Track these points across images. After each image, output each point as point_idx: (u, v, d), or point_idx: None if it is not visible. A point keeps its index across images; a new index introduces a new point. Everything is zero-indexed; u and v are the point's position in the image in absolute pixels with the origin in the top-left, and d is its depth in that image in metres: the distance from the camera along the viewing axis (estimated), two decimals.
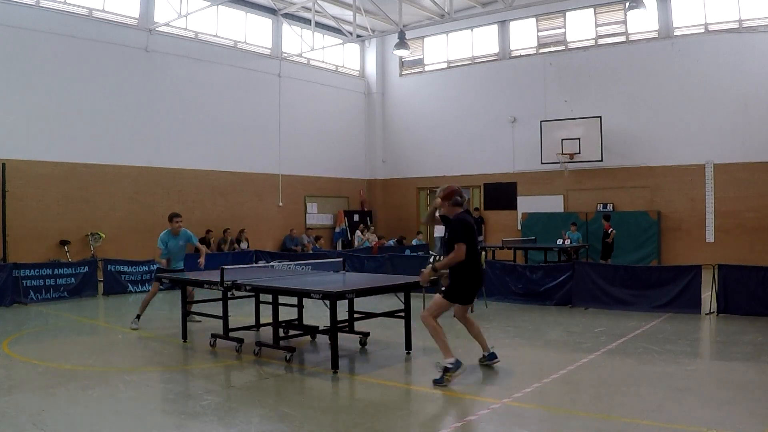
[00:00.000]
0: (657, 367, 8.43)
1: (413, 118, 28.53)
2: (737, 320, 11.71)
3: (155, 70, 21.50)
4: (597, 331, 11.00)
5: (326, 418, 6.53)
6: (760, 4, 21.11)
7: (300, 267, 11.07)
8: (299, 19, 26.16)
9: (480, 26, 26.74)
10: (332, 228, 27.61)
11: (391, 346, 9.86)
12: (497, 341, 10.62)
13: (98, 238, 19.56)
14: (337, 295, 8.17)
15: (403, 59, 28.92)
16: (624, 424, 6.13)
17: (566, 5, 23.72)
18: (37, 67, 18.73)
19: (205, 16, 23.14)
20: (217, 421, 6.37)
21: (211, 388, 7.73)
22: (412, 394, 7.55)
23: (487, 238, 25.21)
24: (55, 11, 19.23)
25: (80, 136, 19.60)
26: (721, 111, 21.52)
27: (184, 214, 20.66)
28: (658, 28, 22.93)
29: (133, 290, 16.97)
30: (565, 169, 23.93)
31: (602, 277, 13.64)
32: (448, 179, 27.03)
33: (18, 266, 15.37)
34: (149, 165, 21.21)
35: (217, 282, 9.31)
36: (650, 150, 22.82)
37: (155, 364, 9.04)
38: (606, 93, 23.64)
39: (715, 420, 6.13)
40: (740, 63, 21.27)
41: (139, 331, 11.47)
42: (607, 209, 23.28)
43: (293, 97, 25.97)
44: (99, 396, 7.29)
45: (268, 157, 25.04)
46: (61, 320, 13.03)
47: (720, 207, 21.74)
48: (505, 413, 6.58)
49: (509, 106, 25.77)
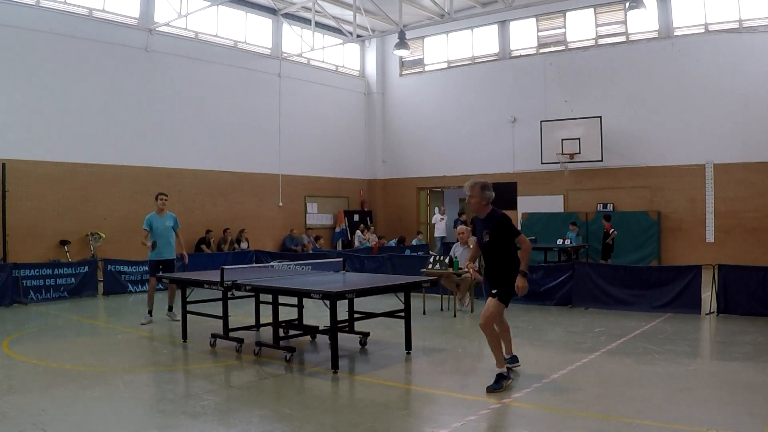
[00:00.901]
0: (657, 367, 8.42)
1: (413, 118, 28.53)
2: (737, 320, 11.71)
3: (155, 70, 21.50)
4: (597, 331, 11.00)
5: (326, 418, 6.52)
6: (760, 4, 21.10)
7: (300, 267, 11.08)
8: (299, 19, 26.16)
9: (480, 26, 26.74)
10: (332, 228, 27.61)
11: (391, 346, 9.84)
12: None
13: (98, 238, 19.56)
14: (337, 295, 8.16)
15: (403, 59, 28.92)
16: (624, 424, 6.12)
17: (566, 5, 23.71)
18: (37, 67, 18.72)
19: (205, 16, 23.13)
20: (217, 421, 6.37)
21: (211, 388, 7.72)
22: (412, 394, 7.54)
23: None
24: (55, 11, 19.22)
25: (80, 136, 19.59)
26: (721, 111, 21.52)
27: (184, 215, 20.98)
28: (658, 28, 22.93)
29: (134, 290, 16.97)
30: (565, 169, 23.94)
31: (602, 277, 13.63)
32: (448, 179, 27.17)
33: (18, 266, 15.37)
34: (149, 165, 21.18)
35: (217, 282, 9.31)
36: (650, 150, 22.81)
37: (155, 364, 9.04)
38: (606, 93, 23.63)
39: (715, 420, 6.13)
40: (740, 63, 21.27)
41: (139, 331, 11.48)
42: (607, 209, 23.28)
43: (293, 97, 25.96)
44: (99, 396, 7.27)
45: (268, 157, 25.03)
46: (61, 320, 13.02)
47: (720, 207, 21.74)
48: (506, 413, 6.58)
49: (509, 106, 25.77)
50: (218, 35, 23.83)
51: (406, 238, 25.91)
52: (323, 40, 26.84)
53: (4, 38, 18.11)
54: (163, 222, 12.28)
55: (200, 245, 21.81)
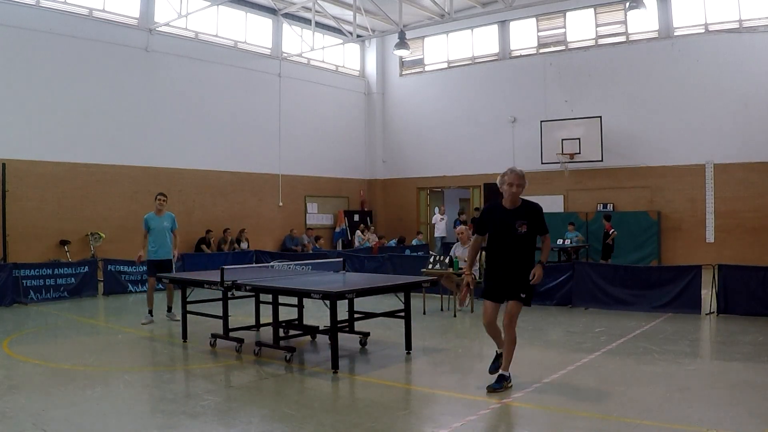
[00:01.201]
0: (657, 367, 8.42)
1: (413, 118, 28.51)
2: (737, 320, 11.71)
3: (155, 70, 21.49)
4: (597, 331, 11.00)
5: (327, 418, 6.51)
6: (761, 4, 21.09)
7: (300, 267, 11.07)
8: (299, 19, 26.16)
9: (480, 26, 26.72)
10: (332, 228, 27.60)
11: (391, 346, 9.84)
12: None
13: (98, 238, 19.55)
14: (337, 295, 8.16)
15: (403, 59, 28.89)
16: (624, 424, 6.12)
17: (566, 5, 23.70)
18: (37, 67, 18.72)
19: (206, 16, 23.12)
20: (218, 422, 6.37)
21: (212, 388, 7.71)
22: (413, 394, 7.54)
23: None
24: (55, 11, 19.22)
25: (80, 136, 19.58)
26: (721, 111, 21.51)
27: (184, 215, 21.06)
28: (658, 28, 22.92)
29: (134, 290, 16.97)
30: (566, 169, 23.93)
31: (602, 277, 13.62)
32: (448, 179, 27.18)
33: (18, 266, 15.37)
34: (149, 165, 21.17)
35: (217, 282, 9.31)
36: (650, 150, 22.80)
37: (155, 364, 9.04)
38: (606, 93, 23.62)
39: (715, 420, 6.13)
40: (740, 63, 21.26)
41: (139, 331, 11.48)
42: (608, 209, 23.27)
43: (293, 97, 25.96)
44: (99, 396, 7.28)
45: (268, 157, 25.03)
46: (61, 320, 13.02)
47: (720, 207, 21.72)
48: (506, 413, 6.58)
49: (509, 106, 25.75)
50: (218, 35, 23.81)
51: (406, 238, 25.89)
52: (323, 40, 26.83)
53: (5, 38, 18.11)
54: (160, 222, 12.30)
55: (200, 245, 21.81)
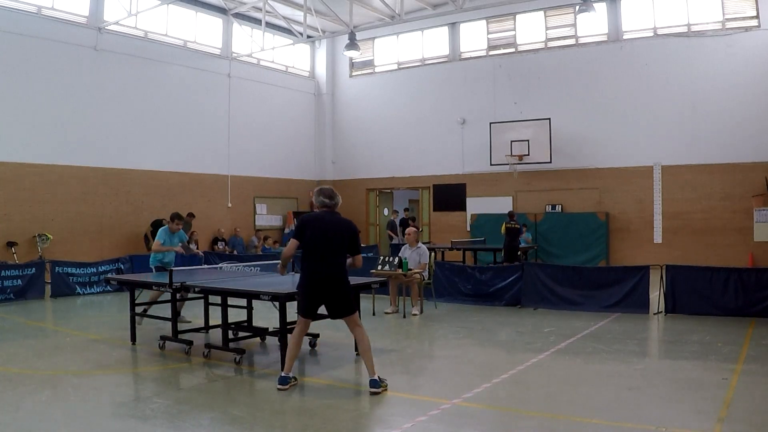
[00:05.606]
0: (606, 366, 8.48)
1: (363, 118, 28.43)
2: (685, 320, 11.87)
3: (104, 69, 21.01)
4: (546, 331, 11.04)
5: (276, 420, 6.44)
6: (708, 9, 21.50)
7: (249, 268, 10.93)
8: (250, 19, 25.90)
9: (430, 28, 26.75)
10: (282, 229, 27.40)
11: (341, 347, 9.76)
12: (447, 342, 10.65)
13: (45, 240, 19.09)
14: (286, 296, 8.11)
15: (353, 60, 28.77)
16: (574, 423, 6.13)
17: (516, 8, 23.82)
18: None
19: (156, 15, 22.72)
20: (167, 424, 6.26)
21: (161, 391, 7.59)
22: (362, 396, 7.45)
23: (436, 239, 25.22)
24: (1, 8, 18.62)
25: (27, 136, 19.04)
26: (669, 114, 21.85)
27: (132, 215, 20.88)
28: (607, 31, 23.20)
29: (81, 292, 16.52)
30: (515, 170, 24.05)
31: (551, 277, 13.70)
32: (397, 180, 27.18)
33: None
34: (97, 165, 20.73)
35: (166, 284, 9.16)
36: (599, 152, 23.05)
37: (104, 367, 8.79)
38: (555, 95, 23.83)
39: (664, 418, 6.16)
40: (688, 67, 21.62)
41: (87, 333, 11.23)
42: (556, 210, 23.48)
43: (243, 97, 25.69)
44: (48, 400, 7.11)
45: (217, 158, 24.72)
46: (7, 323, 12.63)
47: (667, 208, 22.04)
48: (456, 413, 6.52)
49: (459, 108, 25.83)
50: (168, 34, 23.40)
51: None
52: (273, 40, 26.60)
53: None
54: (173, 240, 12.29)
55: (148, 246, 21.45)
